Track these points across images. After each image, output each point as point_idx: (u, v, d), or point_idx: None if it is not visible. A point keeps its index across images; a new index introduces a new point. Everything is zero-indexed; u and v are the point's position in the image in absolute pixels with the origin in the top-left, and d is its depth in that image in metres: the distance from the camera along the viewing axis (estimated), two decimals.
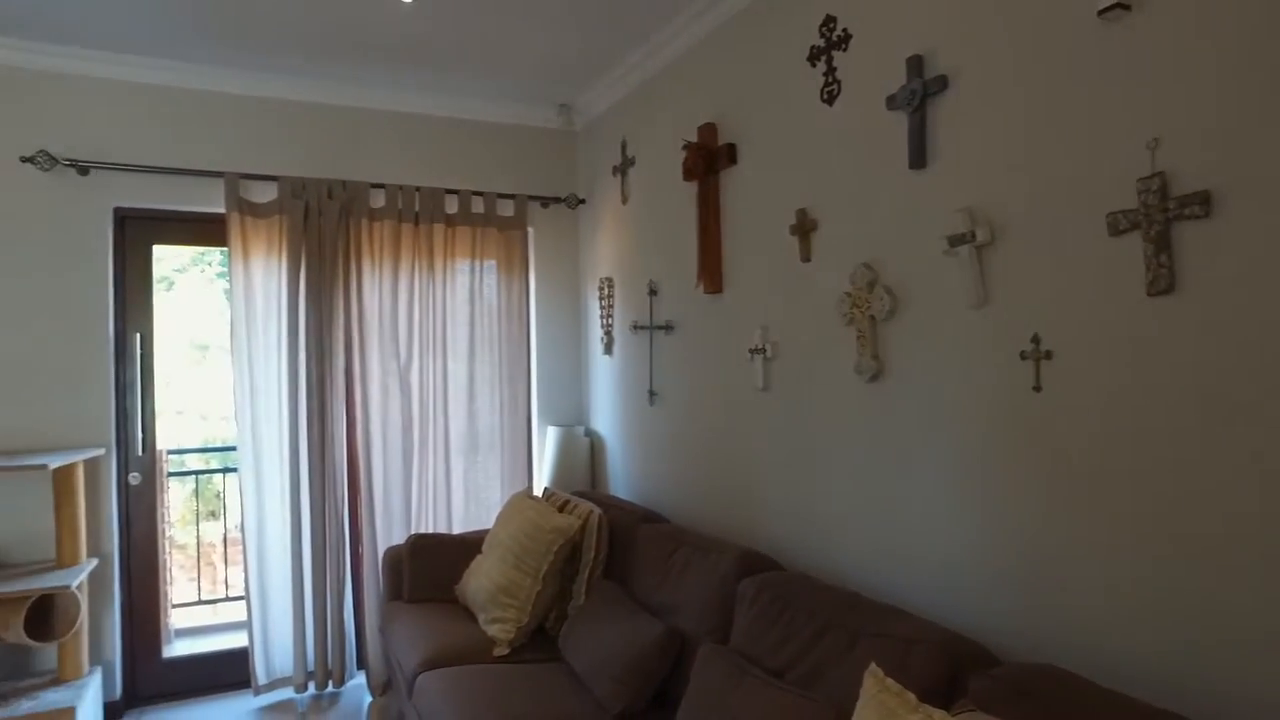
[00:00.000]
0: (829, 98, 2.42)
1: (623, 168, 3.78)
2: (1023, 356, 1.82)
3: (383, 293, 3.79)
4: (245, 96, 3.67)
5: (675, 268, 3.33)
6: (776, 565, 2.49)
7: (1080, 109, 1.70)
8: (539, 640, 3.04)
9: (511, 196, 4.06)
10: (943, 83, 2.01)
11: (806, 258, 2.54)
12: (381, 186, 3.80)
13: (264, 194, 3.63)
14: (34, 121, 3.35)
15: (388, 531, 3.76)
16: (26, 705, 2.98)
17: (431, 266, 3.88)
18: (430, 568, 3.43)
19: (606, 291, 3.93)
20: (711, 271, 3.02)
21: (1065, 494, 1.75)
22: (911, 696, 1.47)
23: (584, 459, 4.04)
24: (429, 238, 3.87)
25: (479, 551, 3.38)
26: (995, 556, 1.91)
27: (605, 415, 4.04)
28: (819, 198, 2.49)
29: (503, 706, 2.43)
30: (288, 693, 3.63)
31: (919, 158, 2.09)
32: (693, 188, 3.11)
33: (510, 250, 4.05)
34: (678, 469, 3.36)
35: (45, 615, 3.15)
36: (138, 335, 3.62)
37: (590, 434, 4.15)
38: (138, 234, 3.63)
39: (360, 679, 3.75)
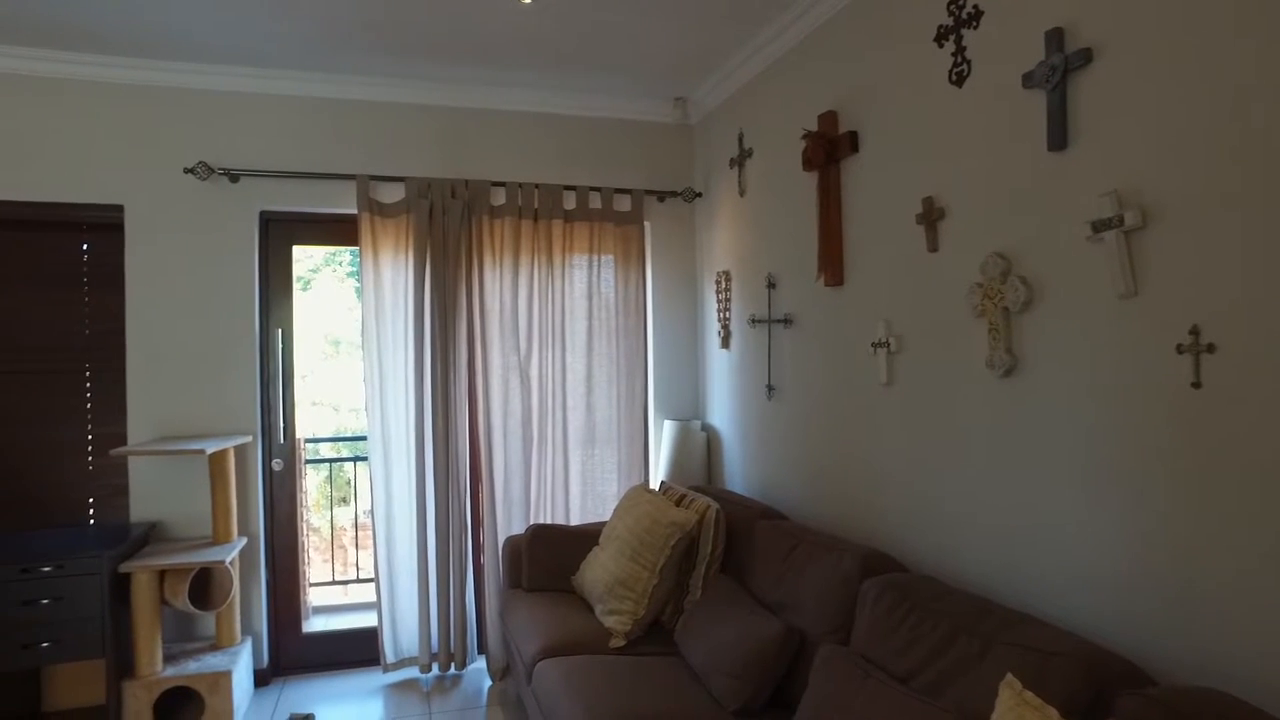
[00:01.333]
0: (958, 79, 2.31)
1: (740, 160, 3.73)
2: (1179, 350, 1.67)
3: (503, 288, 3.89)
4: (375, 102, 3.85)
5: (795, 260, 3.26)
6: (900, 566, 2.40)
7: (1251, 72, 1.54)
8: (655, 633, 3.05)
9: (628, 191, 4.09)
10: (1087, 56, 1.88)
11: (934, 247, 2.43)
12: (502, 185, 3.90)
13: (392, 195, 3.80)
14: (194, 135, 3.64)
15: (508, 521, 3.86)
16: (193, 666, 3.31)
17: (550, 262, 3.95)
18: (548, 557, 3.50)
19: (724, 285, 3.90)
20: (833, 263, 2.94)
21: (1228, 501, 1.60)
22: (1053, 712, 1.38)
23: (700, 453, 4.02)
24: (548, 234, 3.94)
25: (596, 543, 3.42)
26: (1142, 568, 1.77)
27: (722, 409, 4.01)
28: (947, 185, 2.38)
29: (619, 698, 2.45)
30: (413, 672, 3.80)
31: (1059, 138, 1.95)
32: (813, 178, 3.03)
33: (627, 245, 4.07)
34: (796, 465, 3.29)
35: (204, 587, 3.43)
36: (279, 330, 3.87)
37: (707, 428, 4.13)
38: (279, 235, 3.88)
39: (481, 663, 3.89)
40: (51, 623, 3.01)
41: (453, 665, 3.80)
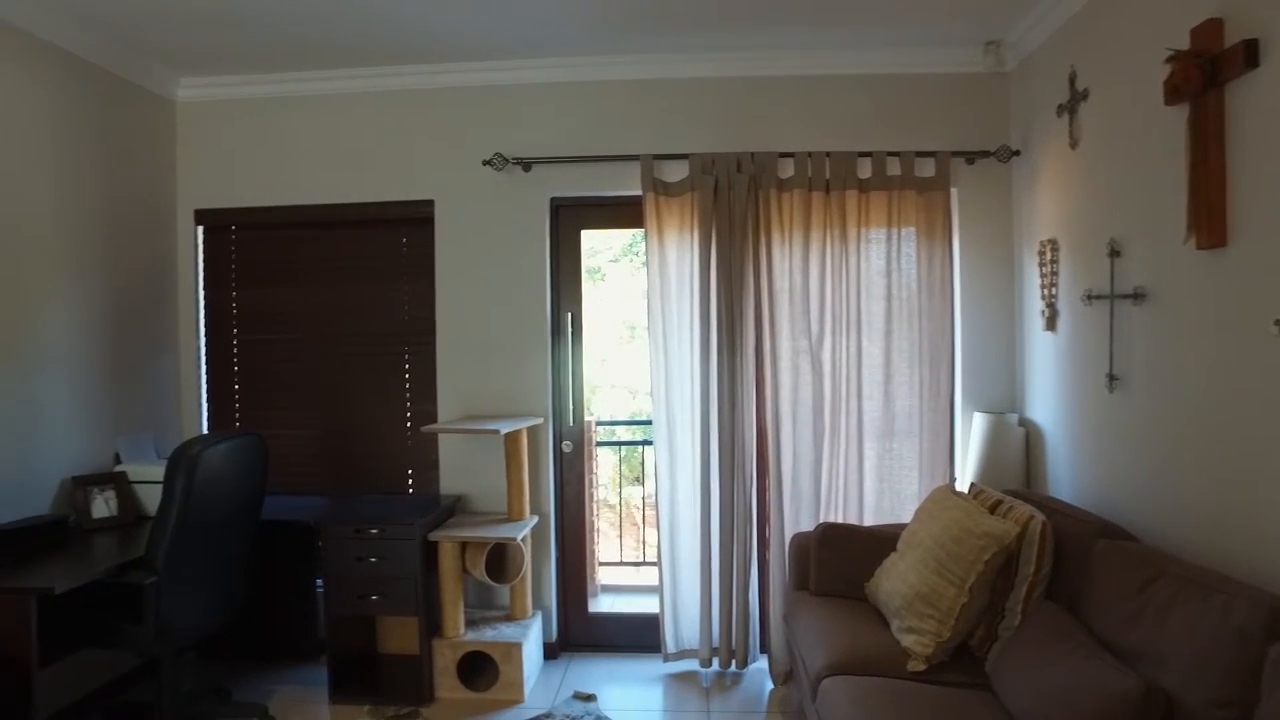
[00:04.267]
0: None
1: (1070, 105, 3.11)
2: None
3: (793, 266, 3.62)
4: (655, 80, 3.78)
5: (1150, 219, 2.62)
6: None
7: None
8: (961, 659, 2.63)
9: (932, 154, 3.61)
10: None
11: None
12: (790, 155, 3.63)
13: (676, 173, 3.69)
14: (490, 129, 3.85)
15: (795, 516, 3.61)
16: (490, 633, 3.52)
17: (844, 236, 3.61)
18: (839, 560, 3.19)
19: (1049, 256, 3.29)
20: (1211, 219, 2.29)
21: None
22: None
23: (1017, 452, 3.46)
24: (840, 206, 3.60)
25: (893, 548, 3.06)
26: None
27: (1045, 402, 3.40)
28: None
29: None
30: (693, 665, 3.70)
31: None
32: (1180, 112, 2.39)
33: (931, 215, 3.60)
34: (1148, 473, 2.66)
35: (500, 560, 3.61)
36: (569, 315, 3.95)
37: (1025, 423, 3.54)
38: (569, 220, 3.97)
39: (762, 663, 3.69)
40: (377, 578, 3.32)
41: (733, 663, 3.64)
